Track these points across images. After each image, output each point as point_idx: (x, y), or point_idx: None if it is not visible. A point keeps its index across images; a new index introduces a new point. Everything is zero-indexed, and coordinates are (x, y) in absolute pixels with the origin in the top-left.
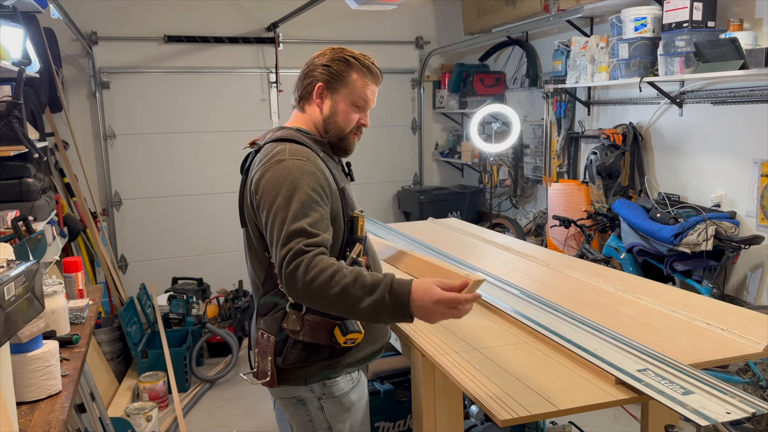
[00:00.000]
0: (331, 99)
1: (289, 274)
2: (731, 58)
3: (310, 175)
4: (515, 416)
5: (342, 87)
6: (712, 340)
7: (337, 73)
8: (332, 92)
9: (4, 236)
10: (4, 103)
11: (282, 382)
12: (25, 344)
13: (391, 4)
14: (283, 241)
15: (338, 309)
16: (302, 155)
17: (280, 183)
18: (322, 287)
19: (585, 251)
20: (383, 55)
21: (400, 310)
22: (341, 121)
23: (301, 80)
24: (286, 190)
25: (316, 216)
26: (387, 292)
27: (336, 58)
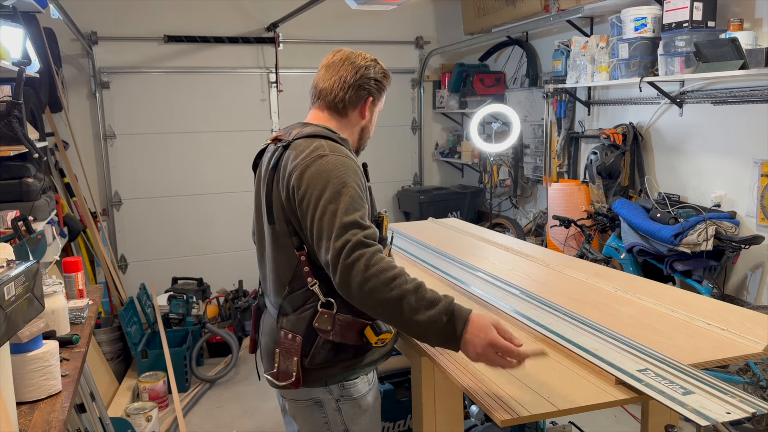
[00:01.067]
0: (372, 111)
1: (349, 265)
2: (731, 58)
3: (353, 171)
4: (515, 416)
5: (381, 100)
6: (712, 340)
7: (384, 89)
8: (375, 105)
9: (4, 236)
10: (4, 103)
11: (304, 383)
12: (25, 344)
13: (391, 4)
14: (337, 233)
15: (387, 314)
16: (341, 151)
17: (327, 177)
18: (379, 286)
19: (585, 251)
20: (383, 55)
21: (450, 336)
22: (371, 128)
23: (347, 88)
24: (335, 184)
25: (364, 211)
26: (445, 312)
27: (381, 74)
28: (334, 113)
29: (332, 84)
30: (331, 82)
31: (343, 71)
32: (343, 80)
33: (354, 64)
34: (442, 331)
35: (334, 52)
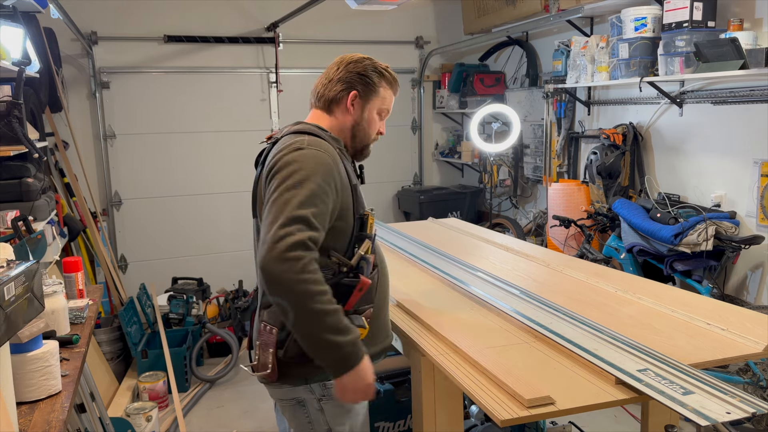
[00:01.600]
0: (362, 107)
1: (285, 259)
2: (731, 58)
3: (325, 167)
4: (515, 416)
5: (374, 97)
6: (712, 340)
7: (372, 84)
8: (364, 101)
9: (4, 236)
10: (4, 103)
11: (282, 378)
12: (25, 344)
13: (391, 4)
14: (284, 221)
15: (298, 321)
16: (320, 146)
17: (295, 168)
18: (305, 294)
19: (585, 251)
20: (383, 55)
21: (340, 366)
22: (368, 128)
23: (333, 83)
24: (300, 175)
25: (321, 208)
26: (351, 344)
27: (372, 69)
28: (323, 112)
29: (320, 82)
30: (320, 81)
31: (331, 69)
32: (328, 77)
33: (342, 61)
34: (338, 358)
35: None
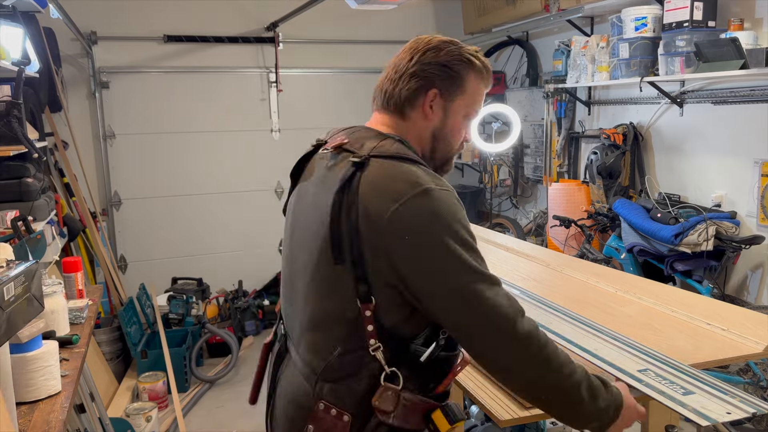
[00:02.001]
0: (445, 108)
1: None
2: (732, 57)
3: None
4: (515, 416)
5: (459, 94)
6: (712, 341)
7: (458, 76)
8: (447, 100)
9: (3, 236)
10: (4, 103)
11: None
12: (24, 344)
13: (391, 3)
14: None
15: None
16: (444, 184)
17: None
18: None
19: (585, 251)
20: (383, 55)
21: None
22: (453, 137)
23: (402, 78)
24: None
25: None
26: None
27: (456, 58)
28: (395, 117)
29: (387, 76)
30: (387, 75)
31: (402, 59)
32: (398, 70)
33: (416, 48)
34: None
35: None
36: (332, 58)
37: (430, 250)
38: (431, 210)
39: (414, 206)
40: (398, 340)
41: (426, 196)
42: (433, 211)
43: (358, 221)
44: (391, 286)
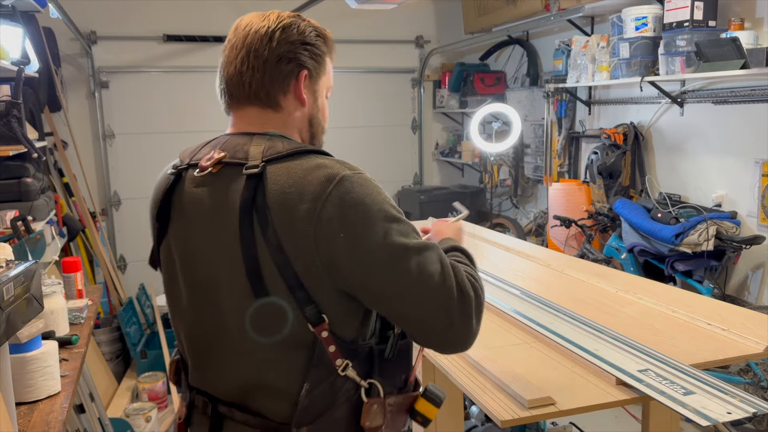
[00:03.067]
0: (313, 90)
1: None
2: (732, 57)
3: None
4: (516, 417)
5: (323, 73)
6: (712, 341)
7: (320, 53)
8: (314, 81)
9: (3, 236)
10: (3, 103)
11: None
12: (24, 345)
13: (391, 3)
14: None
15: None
16: (352, 165)
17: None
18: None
19: (586, 251)
20: (383, 54)
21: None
22: (324, 119)
23: (268, 62)
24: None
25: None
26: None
27: (314, 34)
28: (261, 108)
29: (240, 66)
30: (240, 64)
31: (255, 42)
32: (258, 56)
33: (266, 27)
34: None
35: (235, 25)
36: None
37: (369, 241)
38: (356, 199)
39: (338, 200)
40: (361, 348)
41: (345, 184)
42: (358, 199)
43: (280, 240)
44: (338, 294)
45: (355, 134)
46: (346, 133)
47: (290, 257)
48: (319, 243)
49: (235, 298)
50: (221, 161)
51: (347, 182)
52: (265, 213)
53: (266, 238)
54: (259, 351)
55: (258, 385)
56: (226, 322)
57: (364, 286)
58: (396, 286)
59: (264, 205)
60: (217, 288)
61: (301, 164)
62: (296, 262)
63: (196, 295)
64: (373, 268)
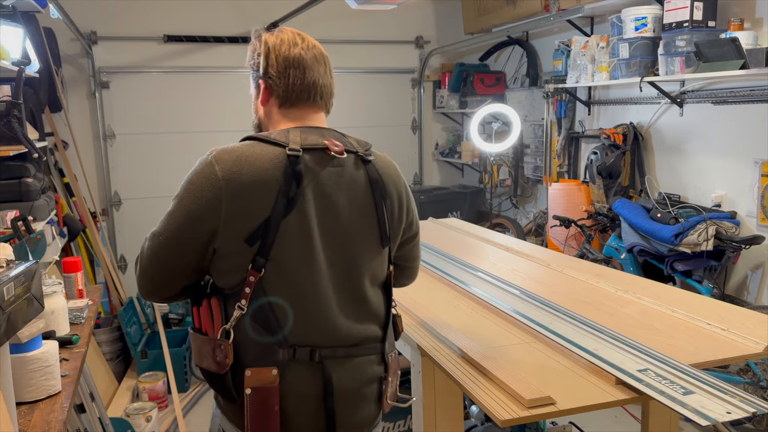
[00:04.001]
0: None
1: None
2: (732, 57)
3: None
4: (515, 416)
5: None
6: (712, 340)
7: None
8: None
9: (3, 236)
10: (4, 103)
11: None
12: (24, 344)
13: (391, 3)
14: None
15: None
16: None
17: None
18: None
19: (585, 251)
20: (383, 55)
21: None
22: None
23: (329, 73)
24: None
25: None
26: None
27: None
28: (323, 112)
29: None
30: (323, 75)
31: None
32: (326, 68)
33: (312, 42)
34: None
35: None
36: (332, 57)
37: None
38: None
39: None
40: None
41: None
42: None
43: (392, 207)
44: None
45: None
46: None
47: (394, 219)
48: (406, 212)
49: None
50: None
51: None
52: (384, 188)
53: (385, 204)
54: (373, 290)
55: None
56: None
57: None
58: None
59: (383, 183)
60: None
61: (382, 155)
62: (394, 223)
63: (332, 250)
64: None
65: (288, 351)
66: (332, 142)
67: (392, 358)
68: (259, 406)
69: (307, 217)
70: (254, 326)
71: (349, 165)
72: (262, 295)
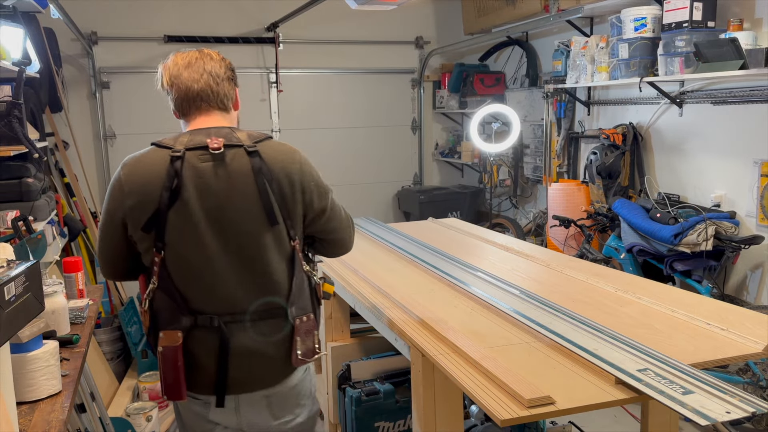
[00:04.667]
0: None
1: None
2: (731, 58)
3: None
4: (515, 416)
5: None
6: (712, 340)
7: (235, 76)
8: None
9: (4, 236)
10: (4, 103)
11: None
12: (25, 344)
13: (391, 4)
14: (347, 214)
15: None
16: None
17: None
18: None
19: (585, 251)
20: (383, 55)
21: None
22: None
23: (223, 82)
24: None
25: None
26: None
27: (231, 65)
28: (221, 112)
29: (211, 81)
30: (210, 80)
31: (212, 68)
32: (215, 79)
33: (215, 59)
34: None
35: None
36: (332, 58)
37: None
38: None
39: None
40: (307, 255)
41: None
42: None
43: (282, 190)
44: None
45: (356, 134)
46: (346, 134)
47: (287, 200)
48: (307, 192)
49: (251, 229)
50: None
51: (299, 153)
52: (269, 173)
53: (272, 188)
54: (269, 263)
55: (267, 285)
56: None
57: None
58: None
59: (268, 169)
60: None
61: (275, 145)
62: (287, 203)
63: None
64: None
65: (190, 318)
66: (213, 140)
67: (301, 321)
68: (167, 362)
69: (189, 206)
70: (163, 297)
71: (232, 157)
72: (165, 273)
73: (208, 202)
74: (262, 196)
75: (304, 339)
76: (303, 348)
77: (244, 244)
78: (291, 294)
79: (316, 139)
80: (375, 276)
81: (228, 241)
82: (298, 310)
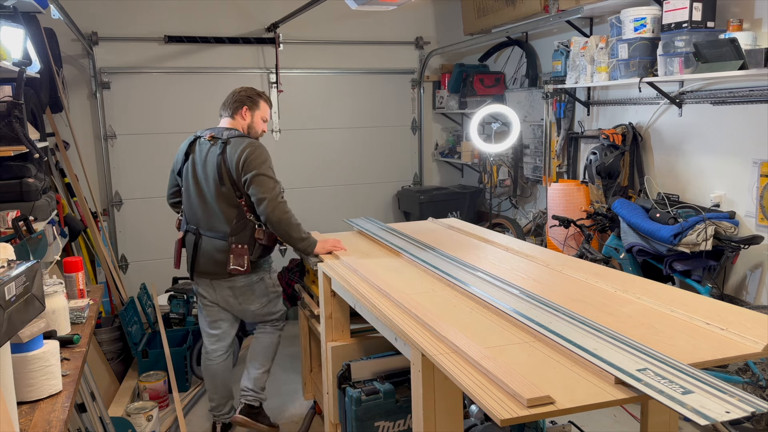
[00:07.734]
0: (251, 115)
1: (279, 205)
2: (731, 58)
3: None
4: (515, 415)
5: (256, 109)
6: (711, 340)
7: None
8: (252, 111)
9: (4, 236)
10: (5, 104)
11: (252, 269)
12: (25, 344)
13: (391, 4)
14: (273, 185)
15: (285, 232)
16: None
17: (262, 155)
18: (288, 219)
19: (585, 251)
20: (383, 55)
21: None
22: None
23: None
24: (265, 159)
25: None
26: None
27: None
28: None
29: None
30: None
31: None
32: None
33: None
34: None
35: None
36: (332, 58)
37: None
38: (252, 153)
39: (248, 151)
40: (254, 210)
41: (251, 146)
42: (253, 153)
43: (229, 166)
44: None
45: (356, 134)
46: (346, 134)
47: (232, 173)
48: (241, 168)
49: (210, 186)
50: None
51: (252, 146)
52: (227, 156)
53: (225, 163)
54: (221, 207)
55: (219, 222)
56: (208, 194)
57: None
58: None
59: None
60: (207, 180)
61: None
62: (236, 173)
63: (197, 182)
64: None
65: (185, 226)
66: (210, 134)
67: (236, 247)
68: (176, 247)
69: (190, 166)
70: (182, 214)
71: (216, 144)
72: (182, 200)
73: (197, 166)
74: (218, 168)
75: (236, 257)
76: (235, 263)
77: (208, 192)
78: (232, 228)
79: (317, 139)
80: (375, 276)
81: (201, 189)
82: (236, 239)
